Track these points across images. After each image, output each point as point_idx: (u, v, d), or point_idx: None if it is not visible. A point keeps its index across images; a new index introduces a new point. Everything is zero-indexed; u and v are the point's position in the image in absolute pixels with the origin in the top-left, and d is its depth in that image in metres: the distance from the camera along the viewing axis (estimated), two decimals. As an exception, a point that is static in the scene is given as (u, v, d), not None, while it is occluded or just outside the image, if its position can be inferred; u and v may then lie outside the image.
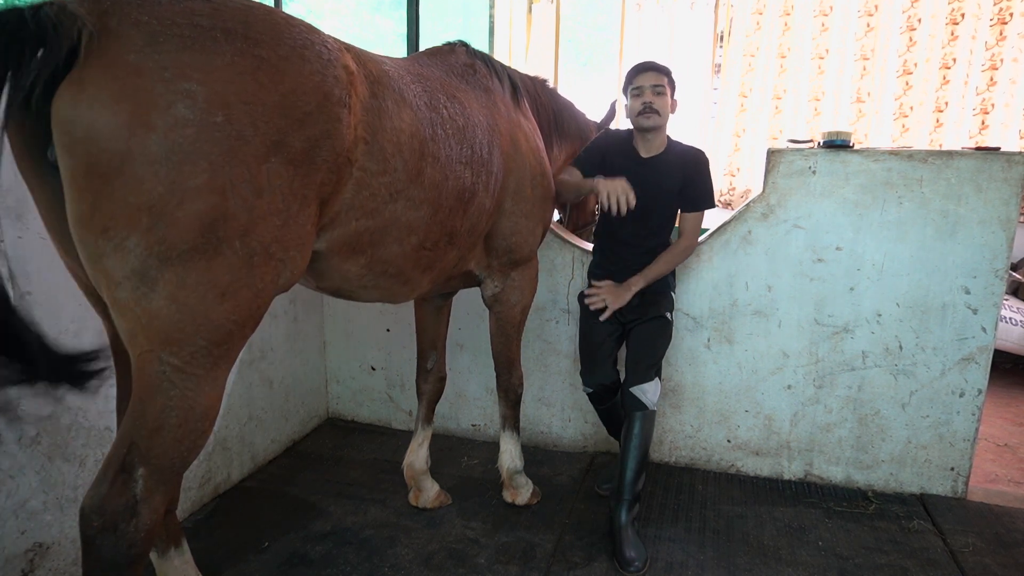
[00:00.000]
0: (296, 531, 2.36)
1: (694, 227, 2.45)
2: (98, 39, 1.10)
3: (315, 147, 1.35)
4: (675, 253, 2.43)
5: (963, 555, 2.31)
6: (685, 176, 2.38)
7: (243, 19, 1.26)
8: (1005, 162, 2.50)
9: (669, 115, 2.37)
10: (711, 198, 2.44)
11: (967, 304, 2.60)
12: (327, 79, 1.37)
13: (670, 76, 2.36)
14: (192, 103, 1.15)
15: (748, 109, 5.30)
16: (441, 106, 1.83)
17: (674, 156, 2.40)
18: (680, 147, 2.43)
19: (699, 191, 2.41)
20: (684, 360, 2.89)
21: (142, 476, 1.23)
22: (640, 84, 2.32)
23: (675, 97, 2.39)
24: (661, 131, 2.39)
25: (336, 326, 3.30)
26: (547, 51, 5.50)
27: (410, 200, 1.68)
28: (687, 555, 2.29)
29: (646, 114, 2.31)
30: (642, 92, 2.31)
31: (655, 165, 2.39)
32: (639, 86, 2.32)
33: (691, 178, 2.38)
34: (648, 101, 2.30)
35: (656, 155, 2.40)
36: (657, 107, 2.30)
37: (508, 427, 2.54)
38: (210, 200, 1.18)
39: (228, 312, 1.26)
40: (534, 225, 2.27)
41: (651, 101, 2.30)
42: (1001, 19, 4.68)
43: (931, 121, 4.93)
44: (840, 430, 2.78)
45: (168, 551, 1.78)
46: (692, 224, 2.45)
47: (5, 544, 1.78)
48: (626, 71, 2.42)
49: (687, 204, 2.43)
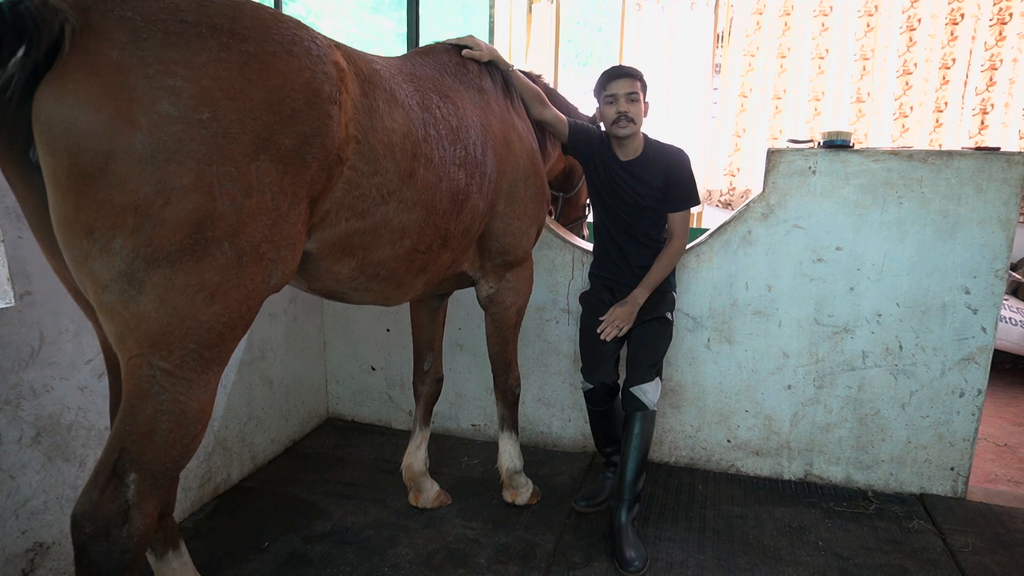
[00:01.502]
0: (296, 531, 2.36)
1: (682, 227, 2.43)
2: (80, 35, 1.07)
3: (305, 144, 1.32)
4: (668, 257, 2.42)
5: (963, 555, 2.31)
6: (667, 177, 2.37)
7: (230, 14, 1.24)
8: (1005, 162, 2.50)
9: (643, 120, 2.36)
10: (695, 196, 2.43)
11: (967, 304, 2.60)
12: (316, 75, 1.35)
13: (642, 80, 2.33)
14: (177, 100, 1.12)
15: (748, 109, 5.30)
16: (434, 106, 1.81)
17: (653, 156, 2.39)
18: (658, 147, 2.42)
19: (682, 190, 2.39)
20: (684, 360, 2.89)
21: (134, 481, 1.21)
22: (614, 92, 2.29)
23: (647, 100, 2.38)
24: (637, 135, 2.38)
25: (336, 326, 3.30)
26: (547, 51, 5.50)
27: (403, 202, 1.66)
28: (687, 555, 2.29)
29: (621, 123, 2.29)
30: (616, 100, 2.29)
31: (634, 168, 2.38)
32: (612, 93, 2.29)
33: (673, 178, 2.37)
34: (623, 110, 2.28)
35: (634, 158, 2.39)
36: (632, 115, 2.29)
37: (507, 427, 2.54)
38: (197, 200, 1.15)
39: (218, 314, 1.23)
40: (527, 226, 2.25)
41: (626, 110, 2.28)
42: (1001, 19, 4.68)
43: (931, 121, 4.93)
44: (840, 430, 2.78)
45: (166, 554, 1.76)
46: (680, 224, 2.43)
47: (5, 544, 1.78)
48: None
49: (672, 205, 2.41)
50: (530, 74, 2.58)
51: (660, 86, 5.33)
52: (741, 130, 5.34)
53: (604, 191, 2.44)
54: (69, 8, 1.07)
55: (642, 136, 2.41)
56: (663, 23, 5.41)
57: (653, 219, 2.43)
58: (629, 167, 2.39)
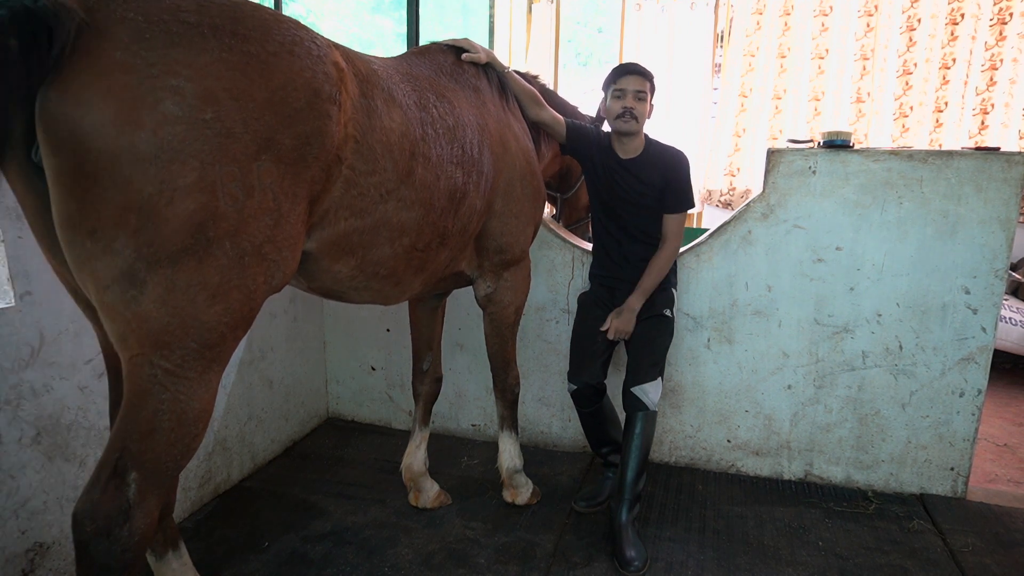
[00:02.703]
0: (296, 531, 2.36)
1: (677, 229, 2.42)
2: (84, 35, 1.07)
3: (305, 144, 1.33)
4: (663, 259, 2.41)
5: (963, 555, 2.31)
6: (665, 178, 2.37)
7: (231, 15, 1.24)
8: (1005, 162, 2.50)
9: (646, 121, 2.36)
10: (690, 199, 2.43)
11: (967, 304, 2.60)
12: (317, 75, 1.35)
13: (652, 81, 2.34)
14: (181, 100, 1.12)
15: (748, 109, 5.30)
16: (431, 105, 1.82)
17: (653, 157, 2.39)
18: (659, 147, 2.42)
19: (679, 193, 2.39)
20: (684, 360, 2.89)
21: (135, 480, 1.21)
22: (623, 87, 2.30)
23: (653, 102, 2.39)
24: (638, 134, 2.38)
25: (336, 326, 3.30)
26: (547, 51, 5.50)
27: (401, 200, 1.67)
28: (687, 555, 2.29)
29: (625, 118, 2.30)
30: (624, 95, 2.30)
31: (634, 167, 2.39)
32: (622, 88, 2.31)
33: (670, 180, 2.37)
34: (629, 106, 2.29)
35: (634, 157, 2.39)
36: (637, 113, 2.29)
37: (506, 427, 2.54)
38: (200, 200, 1.15)
39: (219, 314, 1.24)
40: (524, 225, 2.26)
41: (632, 107, 2.29)
42: (1001, 19, 4.68)
43: (931, 121, 4.93)
44: (840, 430, 2.78)
45: (166, 554, 1.76)
46: (675, 226, 2.42)
47: (5, 544, 1.78)
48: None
49: (668, 206, 2.40)
50: (526, 75, 2.58)
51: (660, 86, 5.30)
52: (741, 130, 5.33)
53: (603, 190, 2.44)
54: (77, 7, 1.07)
55: (644, 136, 2.41)
56: (663, 23, 5.41)
57: (652, 218, 2.42)
58: (629, 165, 2.39)
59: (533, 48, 5.53)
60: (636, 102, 2.29)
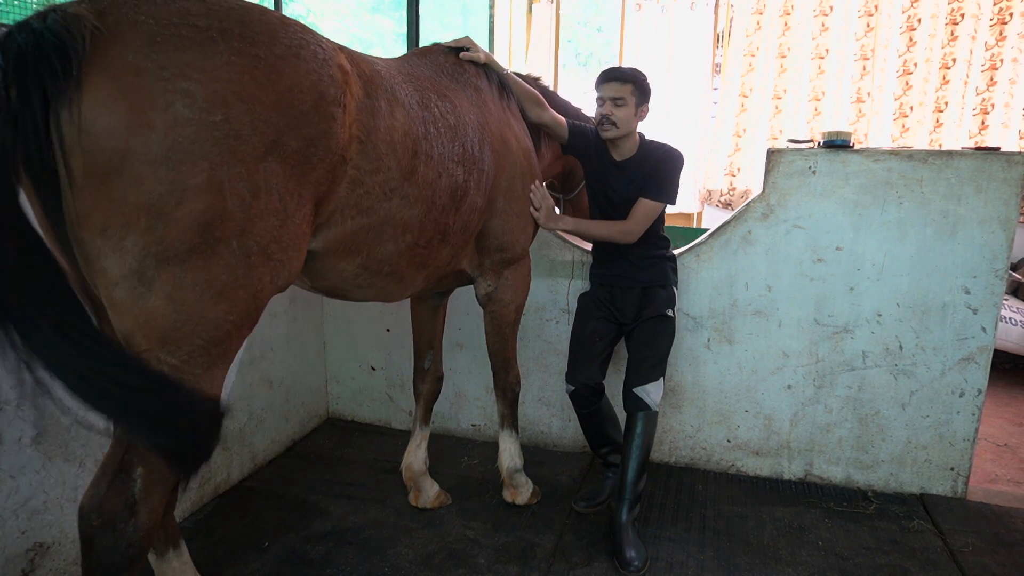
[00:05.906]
0: (296, 531, 2.36)
1: (643, 214, 2.34)
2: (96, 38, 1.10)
3: (311, 146, 1.35)
4: (614, 227, 2.37)
5: (963, 555, 2.31)
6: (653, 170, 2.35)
7: (239, 19, 1.26)
8: (1005, 162, 2.50)
9: (634, 124, 2.33)
10: (670, 194, 2.36)
11: (967, 304, 2.60)
12: (323, 78, 1.38)
13: (637, 83, 2.29)
14: (191, 102, 1.15)
15: (748, 109, 5.30)
16: (432, 105, 1.85)
17: (647, 155, 2.38)
18: (652, 146, 2.40)
19: (660, 183, 2.34)
20: (684, 360, 2.89)
21: (140, 476, 1.23)
22: (601, 94, 2.30)
23: (646, 104, 2.34)
24: (627, 137, 2.36)
25: (336, 326, 3.30)
26: (547, 51, 5.50)
27: (404, 198, 1.69)
28: (687, 555, 2.29)
29: (604, 126, 2.30)
30: (603, 103, 2.30)
31: (627, 168, 2.39)
32: (600, 96, 2.31)
33: (657, 169, 2.34)
34: (606, 113, 2.29)
35: (628, 158, 2.39)
36: (615, 119, 2.28)
37: (507, 426, 2.54)
38: (208, 200, 1.18)
39: (225, 312, 1.26)
40: (525, 223, 2.28)
41: (608, 114, 2.28)
42: (1001, 19, 4.68)
43: (931, 121, 4.93)
44: (840, 430, 2.78)
45: (166, 552, 1.77)
46: (642, 211, 2.34)
47: (5, 544, 1.78)
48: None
49: (645, 191, 2.35)
50: (528, 76, 2.59)
51: (660, 86, 5.32)
52: (741, 130, 5.34)
53: (600, 190, 2.45)
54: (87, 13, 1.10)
55: (638, 137, 2.41)
56: (663, 23, 5.41)
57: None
58: (623, 166, 2.39)
59: (533, 48, 5.53)
60: (614, 108, 2.28)
